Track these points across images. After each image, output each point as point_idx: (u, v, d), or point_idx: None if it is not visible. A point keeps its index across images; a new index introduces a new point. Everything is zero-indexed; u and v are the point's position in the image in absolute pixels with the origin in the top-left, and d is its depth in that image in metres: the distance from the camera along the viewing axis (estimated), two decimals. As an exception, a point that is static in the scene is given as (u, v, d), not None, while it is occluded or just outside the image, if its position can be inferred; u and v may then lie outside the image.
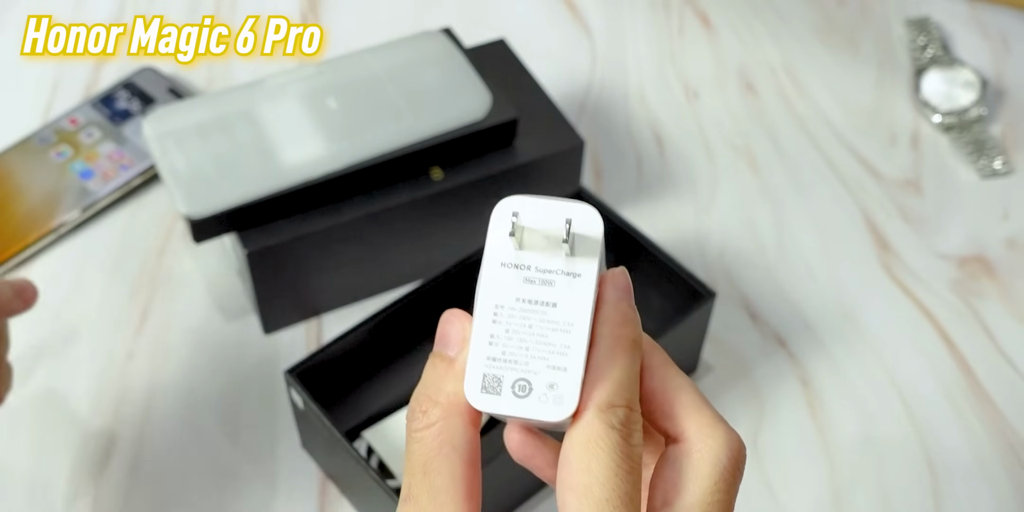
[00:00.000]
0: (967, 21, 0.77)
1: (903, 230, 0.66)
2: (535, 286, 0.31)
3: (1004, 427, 0.58)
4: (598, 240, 0.31)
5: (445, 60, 0.60)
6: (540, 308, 0.31)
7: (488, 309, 0.31)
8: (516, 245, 0.31)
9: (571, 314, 0.31)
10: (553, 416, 0.30)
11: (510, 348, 0.31)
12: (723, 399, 0.59)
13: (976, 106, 0.71)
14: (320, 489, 0.56)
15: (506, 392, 0.31)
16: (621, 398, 0.30)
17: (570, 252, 0.31)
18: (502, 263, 0.31)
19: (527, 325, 0.31)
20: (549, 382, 0.30)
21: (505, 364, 0.31)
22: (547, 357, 0.31)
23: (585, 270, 0.31)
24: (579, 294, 0.31)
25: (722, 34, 0.76)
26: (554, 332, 0.31)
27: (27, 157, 0.67)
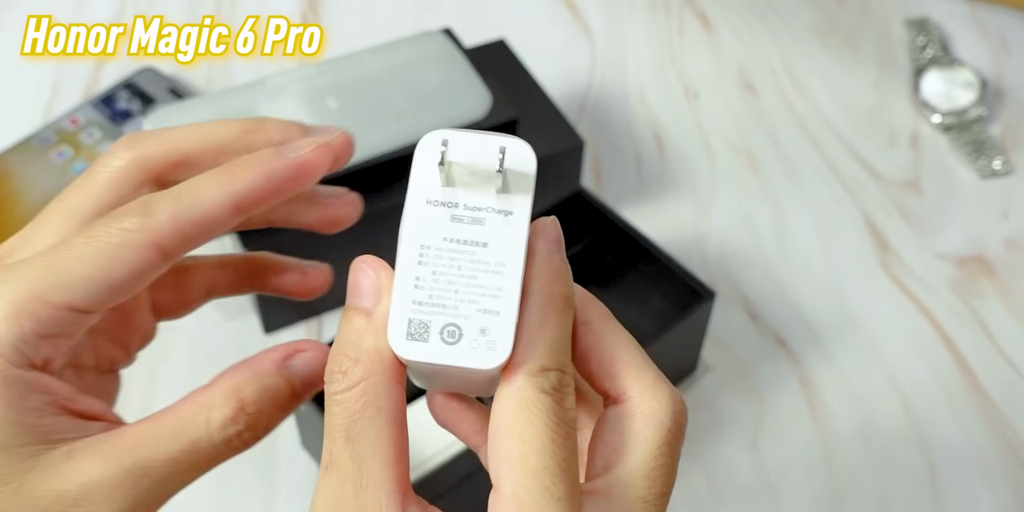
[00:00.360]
0: (967, 21, 0.77)
1: (903, 230, 0.66)
2: (464, 225, 0.29)
3: (1003, 427, 0.58)
4: (531, 176, 0.29)
5: (445, 60, 0.60)
6: (470, 248, 0.29)
7: (413, 250, 0.29)
8: (443, 181, 0.29)
9: (503, 254, 0.29)
10: (486, 363, 0.28)
11: (437, 291, 0.28)
12: (723, 399, 0.59)
13: (976, 106, 0.71)
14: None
15: (434, 339, 0.28)
16: (553, 360, 0.28)
17: (502, 188, 0.29)
18: (428, 201, 0.29)
19: (456, 266, 0.29)
20: (481, 327, 0.28)
21: (432, 309, 0.28)
22: (478, 300, 0.28)
23: (518, 207, 0.29)
24: (512, 233, 0.29)
25: (722, 34, 0.76)
26: (485, 274, 0.28)
27: (28, 157, 0.67)
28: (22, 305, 0.29)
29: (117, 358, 0.36)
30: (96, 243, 0.30)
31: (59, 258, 0.30)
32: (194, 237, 0.30)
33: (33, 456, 0.29)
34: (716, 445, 0.57)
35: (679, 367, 0.59)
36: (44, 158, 0.67)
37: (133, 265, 0.30)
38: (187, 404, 0.30)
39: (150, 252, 0.30)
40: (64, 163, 0.67)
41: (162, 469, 0.29)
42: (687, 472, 0.56)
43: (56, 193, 0.66)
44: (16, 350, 0.29)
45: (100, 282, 0.29)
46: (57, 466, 0.29)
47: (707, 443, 0.57)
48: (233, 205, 0.30)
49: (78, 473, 0.29)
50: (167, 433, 0.29)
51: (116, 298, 0.30)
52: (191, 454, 0.29)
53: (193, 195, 0.30)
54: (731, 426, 0.58)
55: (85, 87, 0.72)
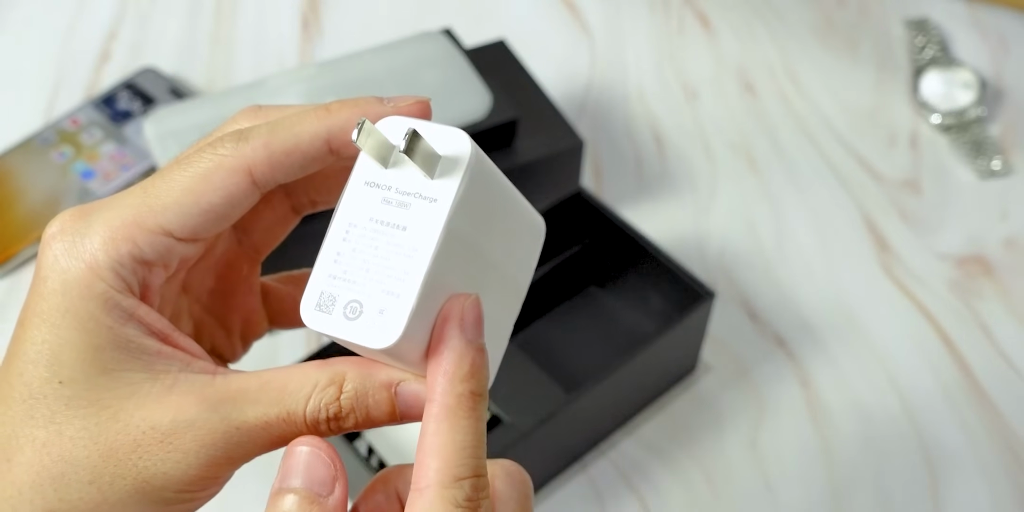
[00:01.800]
0: (966, 22, 0.77)
1: (902, 230, 0.66)
2: (391, 207, 0.29)
3: (1003, 427, 0.58)
4: (462, 164, 0.29)
5: (445, 60, 0.60)
6: (390, 230, 0.29)
7: (342, 226, 0.29)
8: (383, 164, 0.30)
9: (418, 239, 0.29)
10: (375, 343, 0.28)
11: (352, 268, 0.29)
12: (723, 399, 0.59)
13: (975, 106, 0.71)
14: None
15: (337, 312, 0.29)
16: (467, 468, 0.28)
17: (435, 175, 0.29)
18: (366, 182, 0.30)
19: (374, 246, 0.29)
20: (380, 307, 0.28)
21: (343, 283, 0.29)
22: (384, 281, 0.29)
23: (443, 195, 0.29)
24: (430, 220, 0.29)
25: (721, 34, 0.76)
26: (397, 256, 0.29)
27: (29, 158, 0.67)
28: (118, 230, 0.29)
29: (222, 346, 0.36)
30: (190, 169, 0.30)
31: (154, 185, 0.30)
32: (286, 167, 0.30)
33: (136, 384, 0.29)
34: (716, 445, 0.57)
35: (679, 367, 0.59)
36: (45, 158, 0.67)
37: (225, 189, 0.30)
38: (294, 374, 0.30)
39: (241, 177, 0.30)
40: (65, 163, 0.67)
41: (255, 429, 0.30)
42: (687, 472, 0.56)
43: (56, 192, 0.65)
44: (115, 274, 0.29)
45: (192, 206, 0.30)
46: (157, 397, 0.29)
47: (707, 443, 0.57)
48: (326, 138, 0.30)
49: (176, 408, 0.29)
50: (270, 395, 0.30)
51: (209, 224, 0.30)
52: (283, 422, 0.30)
53: (289, 126, 0.30)
54: (731, 426, 0.58)
55: (86, 87, 0.72)
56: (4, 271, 0.63)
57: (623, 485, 0.56)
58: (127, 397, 0.29)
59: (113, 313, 0.29)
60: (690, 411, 0.59)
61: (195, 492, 0.30)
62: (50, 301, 0.29)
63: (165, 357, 0.30)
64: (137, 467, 0.29)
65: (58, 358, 0.29)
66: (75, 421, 0.29)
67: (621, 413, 0.58)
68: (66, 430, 0.29)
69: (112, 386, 0.29)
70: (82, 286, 0.29)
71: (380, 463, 0.54)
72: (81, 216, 0.30)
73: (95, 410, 0.29)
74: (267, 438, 0.30)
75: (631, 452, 0.57)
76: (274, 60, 0.74)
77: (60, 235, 0.30)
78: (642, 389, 0.58)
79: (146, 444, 0.29)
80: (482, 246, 0.31)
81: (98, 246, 0.29)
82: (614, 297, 0.62)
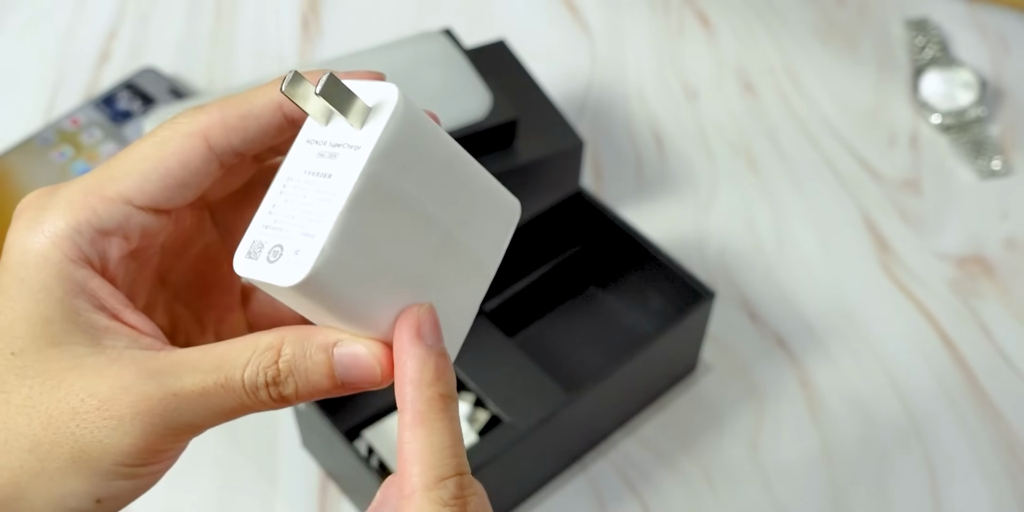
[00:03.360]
0: (966, 22, 0.77)
1: (902, 230, 0.66)
2: (323, 159, 0.30)
3: (1003, 427, 0.58)
4: (387, 113, 0.30)
5: (445, 60, 0.60)
6: (317, 179, 0.30)
7: (280, 181, 0.31)
8: (324, 122, 0.31)
9: (337, 184, 0.30)
10: (283, 281, 0.29)
11: (281, 216, 0.30)
12: (723, 399, 0.59)
13: (975, 106, 0.71)
14: (320, 489, 0.56)
15: (262, 258, 0.30)
16: (449, 467, 0.28)
17: (359, 126, 0.30)
18: (308, 139, 0.31)
19: (303, 195, 0.30)
20: (296, 248, 0.29)
21: (272, 231, 0.30)
22: (304, 225, 0.30)
23: (365, 142, 0.30)
24: (351, 165, 0.30)
25: (721, 34, 0.76)
26: (319, 202, 0.30)
27: (28, 158, 0.67)
28: (78, 200, 0.30)
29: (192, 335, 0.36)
30: (149, 140, 0.31)
31: (117, 158, 0.31)
32: (240, 131, 0.31)
33: (81, 356, 0.30)
34: (716, 445, 0.57)
35: (679, 367, 0.59)
36: (45, 158, 0.67)
37: (181, 154, 0.31)
38: (236, 343, 0.31)
39: (197, 141, 0.31)
40: (65, 163, 0.67)
41: (193, 397, 0.30)
42: (687, 472, 0.56)
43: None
44: (72, 243, 0.30)
45: (150, 173, 0.31)
46: (99, 368, 0.30)
47: (707, 443, 0.57)
48: (278, 103, 0.31)
49: (114, 377, 0.29)
50: (209, 363, 0.30)
51: (168, 192, 0.31)
52: (222, 390, 0.30)
53: (244, 94, 0.32)
54: (731, 426, 0.58)
55: (86, 87, 0.72)
56: (4, 271, 0.63)
57: (623, 485, 0.56)
58: (71, 368, 0.30)
59: (65, 285, 0.30)
60: (690, 411, 0.59)
61: (135, 466, 0.30)
62: (10, 273, 0.30)
63: (112, 332, 0.30)
64: (75, 436, 0.29)
65: (11, 329, 0.30)
66: (22, 390, 0.30)
67: (621, 413, 0.58)
68: (13, 399, 0.30)
69: (59, 358, 0.30)
70: (39, 256, 0.30)
71: (380, 463, 0.54)
72: (47, 192, 0.31)
73: (41, 380, 0.30)
74: (206, 406, 0.30)
75: (631, 452, 0.57)
76: (274, 60, 0.74)
77: (25, 210, 0.31)
78: (642, 389, 0.58)
79: (83, 412, 0.29)
80: (418, 201, 0.31)
81: (58, 216, 0.30)
82: (614, 297, 0.62)
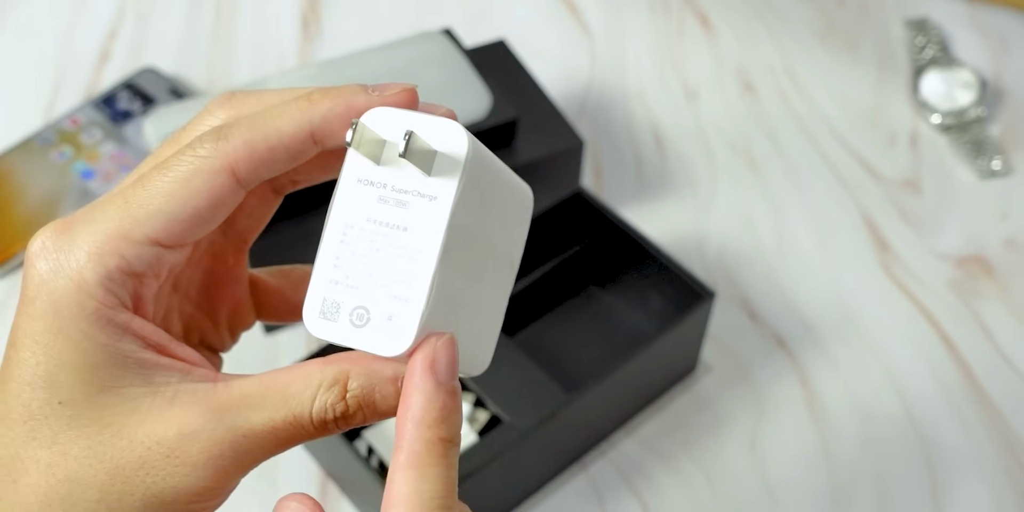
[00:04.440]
0: (966, 22, 0.77)
1: (902, 230, 0.66)
2: (389, 206, 0.28)
3: (1003, 427, 0.58)
4: (460, 160, 0.28)
5: (445, 60, 0.60)
6: (390, 231, 0.28)
7: (338, 228, 0.29)
8: (375, 160, 0.29)
9: (421, 240, 0.28)
10: (387, 351, 0.28)
11: (354, 272, 0.28)
12: (723, 399, 0.59)
13: (975, 106, 0.71)
14: (320, 489, 0.56)
15: (343, 319, 0.28)
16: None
17: (431, 172, 0.28)
18: (359, 179, 0.29)
19: (375, 249, 0.28)
20: (388, 313, 0.28)
21: (346, 289, 0.28)
22: (390, 285, 0.28)
23: (443, 193, 0.28)
24: (432, 219, 0.28)
25: (721, 34, 0.76)
26: (401, 259, 0.28)
27: (28, 158, 0.67)
28: (104, 244, 0.29)
29: (211, 338, 0.35)
30: (171, 173, 0.29)
31: (135, 193, 0.29)
32: (268, 162, 0.29)
33: (136, 399, 0.29)
34: (716, 445, 0.57)
35: (679, 367, 0.59)
36: (45, 158, 0.67)
37: (209, 192, 0.29)
38: (296, 375, 0.30)
39: (224, 178, 0.29)
40: (65, 163, 0.67)
41: (262, 434, 0.29)
42: (687, 472, 0.56)
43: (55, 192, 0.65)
44: (106, 290, 0.29)
45: (177, 212, 0.29)
46: (160, 411, 0.29)
47: (707, 443, 0.57)
48: (309, 131, 0.29)
49: (180, 421, 0.29)
50: (274, 399, 0.29)
51: (196, 229, 0.30)
52: (291, 425, 0.29)
53: (269, 120, 0.29)
54: (731, 426, 0.58)
55: (86, 87, 0.72)
56: (4, 271, 0.63)
57: (623, 485, 0.56)
58: (129, 413, 0.29)
59: (107, 330, 0.29)
60: (690, 411, 0.59)
61: (204, 501, 0.30)
62: (41, 322, 0.29)
63: (163, 369, 0.29)
64: (145, 483, 0.29)
65: (55, 379, 0.29)
66: (79, 440, 0.29)
67: (621, 413, 0.57)
68: (70, 450, 0.29)
69: (113, 403, 0.29)
70: (72, 305, 0.28)
71: (380, 463, 0.54)
72: (63, 231, 0.29)
73: (98, 429, 0.29)
74: (274, 442, 0.30)
75: (631, 452, 0.57)
76: (274, 60, 0.74)
77: (43, 253, 0.29)
78: (642, 389, 0.58)
79: (152, 460, 0.28)
80: (482, 236, 0.30)
81: (84, 262, 0.28)
82: (614, 297, 0.62)
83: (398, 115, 0.29)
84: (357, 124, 0.28)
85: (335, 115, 0.29)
